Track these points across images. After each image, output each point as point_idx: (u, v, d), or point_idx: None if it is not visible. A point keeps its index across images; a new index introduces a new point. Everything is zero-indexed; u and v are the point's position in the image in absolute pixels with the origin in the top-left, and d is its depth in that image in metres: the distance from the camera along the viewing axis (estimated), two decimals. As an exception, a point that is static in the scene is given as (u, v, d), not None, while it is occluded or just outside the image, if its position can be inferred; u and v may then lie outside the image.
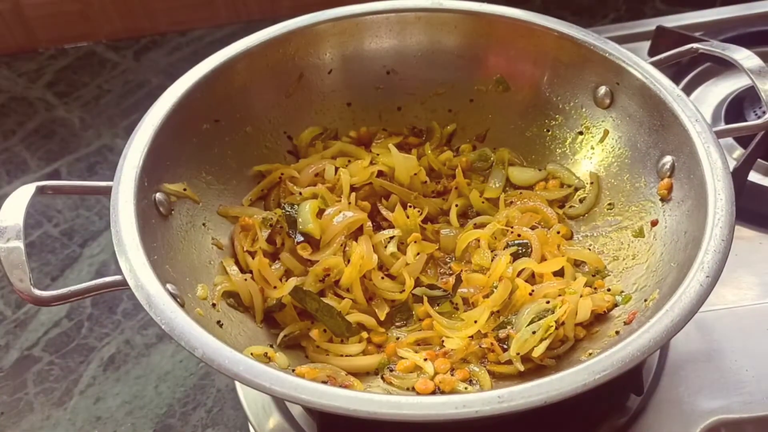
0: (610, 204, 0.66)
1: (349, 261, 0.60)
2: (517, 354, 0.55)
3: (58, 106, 0.96)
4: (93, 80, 0.99)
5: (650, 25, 0.89)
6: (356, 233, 0.63)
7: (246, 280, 0.59)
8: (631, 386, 0.58)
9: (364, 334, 0.59)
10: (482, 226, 0.65)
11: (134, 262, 0.49)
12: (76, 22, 1.01)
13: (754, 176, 0.72)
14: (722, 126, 0.66)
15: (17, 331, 0.74)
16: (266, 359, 0.54)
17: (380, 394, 0.47)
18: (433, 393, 0.54)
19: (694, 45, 0.65)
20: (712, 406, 0.58)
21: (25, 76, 1.00)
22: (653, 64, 0.64)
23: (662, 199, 0.61)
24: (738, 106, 0.79)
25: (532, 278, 0.61)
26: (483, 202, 0.68)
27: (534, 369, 0.56)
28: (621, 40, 0.82)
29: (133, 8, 1.02)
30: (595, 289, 0.60)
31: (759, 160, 0.71)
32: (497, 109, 0.72)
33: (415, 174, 0.68)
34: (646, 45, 0.88)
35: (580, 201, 0.67)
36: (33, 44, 1.03)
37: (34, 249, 0.81)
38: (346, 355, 0.57)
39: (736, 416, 0.58)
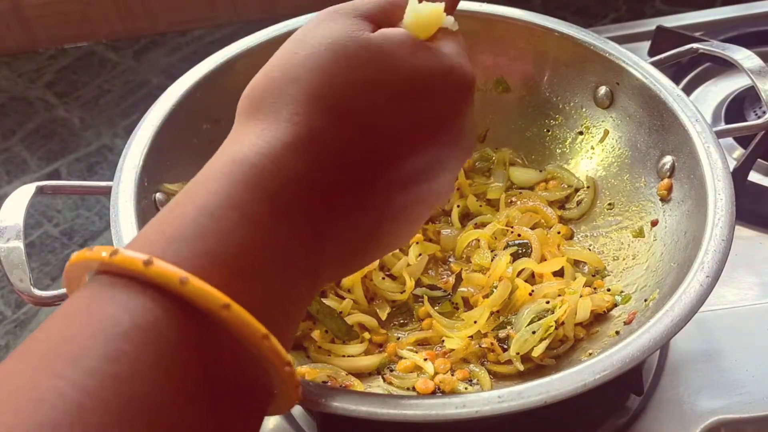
0: (610, 204, 0.66)
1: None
2: (517, 354, 0.55)
3: (58, 106, 0.96)
4: (93, 80, 0.99)
5: (650, 25, 0.89)
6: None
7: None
8: (631, 386, 0.58)
9: (366, 335, 0.59)
10: (482, 225, 0.65)
11: (134, 262, 0.49)
12: (76, 22, 1.01)
13: (754, 176, 0.72)
14: (722, 126, 0.66)
15: (17, 331, 0.74)
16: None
17: (380, 394, 0.47)
18: (434, 393, 0.54)
19: (694, 45, 0.65)
20: (712, 406, 0.58)
21: (25, 76, 1.00)
22: (653, 64, 0.64)
23: (662, 200, 0.61)
24: (738, 106, 0.79)
25: (531, 278, 0.61)
26: (481, 206, 0.68)
27: (534, 369, 0.56)
28: (621, 40, 0.82)
29: (133, 8, 1.01)
30: (595, 289, 0.60)
31: (759, 160, 0.71)
32: (497, 109, 0.72)
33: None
34: (646, 45, 0.88)
35: (577, 204, 0.67)
36: (33, 44, 1.03)
37: (34, 249, 0.81)
38: (348, 356, 0.57)
39: (736, 416, 0.58)
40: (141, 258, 0.26)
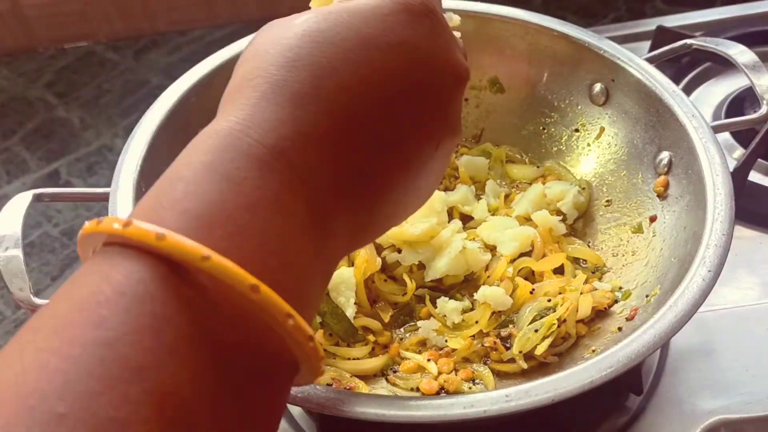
0: (607, 201, 0.66)
1: (353, 264, 0.59)
2: (520, 352, 0.55)
3: (57, 106, 0.96)
4: (93, 80, 0.99)
5: (650, 25, 0.89)
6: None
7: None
8: (631, 386, 0.58)
9: (371, 337, 0.59)
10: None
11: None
12: (76, 22, 1.01)
13: (754, 176, 0.72)
14: (718, 120, 0.66)
15: (17, 331, 0.74)
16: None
17: (387, 396, 0.47)
18: (438, 393, 0.54)
19: (688, 41, 0.65)
20: (712, 406, 0.58)
21: (25, 76, 1.00)
22: (648, 60, 0.64)
23: (659, 196, 0.61)
24: (738, 106, 0.79)
25: (531, 276, 0.61)
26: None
27: (537, 367, 0.56)
28: (621, 40, 0.82)
29: (133, 8, 1.01)
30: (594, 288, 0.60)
31: (759, 160, 0.71)
32: (493, 107, 0.72)
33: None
34: (646, 45, 0.88)
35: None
36: (33, 44, 1.02)
37: (34, 249, 0.80)
38: (353, 358, 0.57)
39: (736, 416, 0.58)
40: (122, 220, 0.26)
